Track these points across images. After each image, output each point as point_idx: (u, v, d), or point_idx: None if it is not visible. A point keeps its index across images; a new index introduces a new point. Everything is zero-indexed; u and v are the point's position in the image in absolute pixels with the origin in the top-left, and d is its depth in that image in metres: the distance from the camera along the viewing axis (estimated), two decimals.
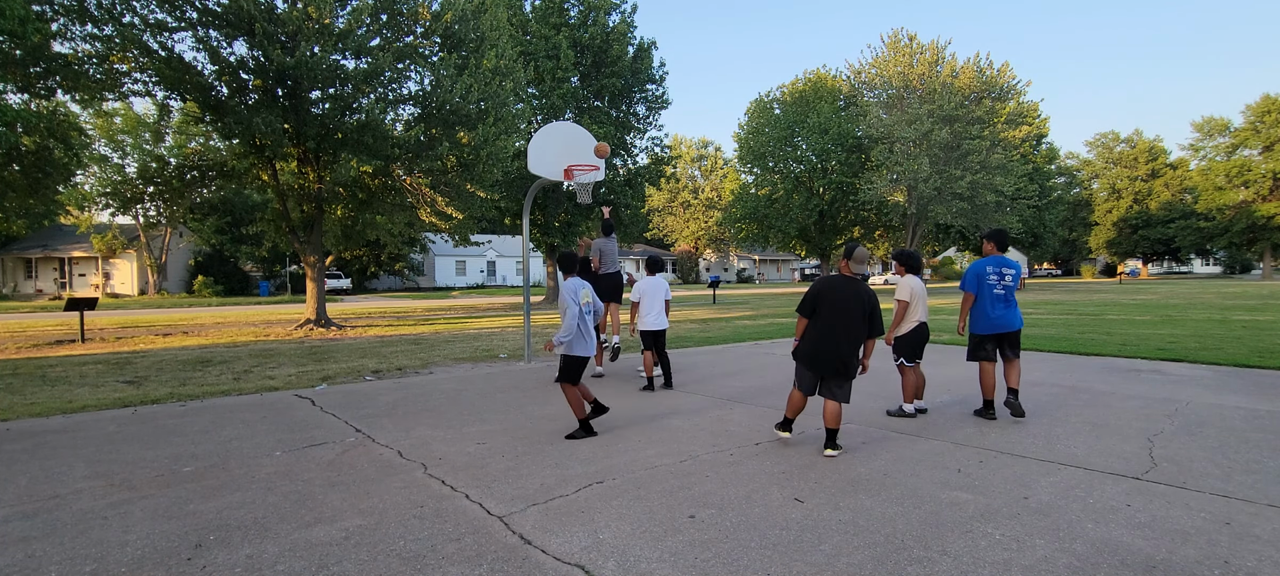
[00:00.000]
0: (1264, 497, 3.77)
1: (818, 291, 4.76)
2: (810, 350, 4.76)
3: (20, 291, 42.38)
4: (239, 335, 14.95)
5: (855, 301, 4.66)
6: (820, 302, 4.71)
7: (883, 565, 2.98)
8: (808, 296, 4.81)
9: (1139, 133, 70.19)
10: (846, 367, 4.66)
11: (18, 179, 13.82)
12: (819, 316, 4.72)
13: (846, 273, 4.86)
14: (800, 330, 4.85)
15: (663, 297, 7.53)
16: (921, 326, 5.94)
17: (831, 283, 4.75)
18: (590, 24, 27.17)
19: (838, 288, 4.70)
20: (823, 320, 4.69)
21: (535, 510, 3.71)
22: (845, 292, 4.68)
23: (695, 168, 79.08)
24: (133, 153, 34.37)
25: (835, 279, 4.77)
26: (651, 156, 30.72)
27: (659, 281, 7.62)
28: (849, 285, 4.71)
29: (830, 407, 4.72)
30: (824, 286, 4.75)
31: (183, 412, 6.50)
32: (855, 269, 4.87)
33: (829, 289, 4.72)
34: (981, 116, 34.00)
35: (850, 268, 4.88)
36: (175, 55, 13.16)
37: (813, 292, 4.79)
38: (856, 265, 4.89)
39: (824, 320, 4.69)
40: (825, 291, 4.72)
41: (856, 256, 4.92)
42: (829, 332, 4.67)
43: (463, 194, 16.99)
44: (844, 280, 4.76)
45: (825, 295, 4.71)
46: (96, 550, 3.24)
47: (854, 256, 4.92)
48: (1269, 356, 9.27)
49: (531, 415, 6.23)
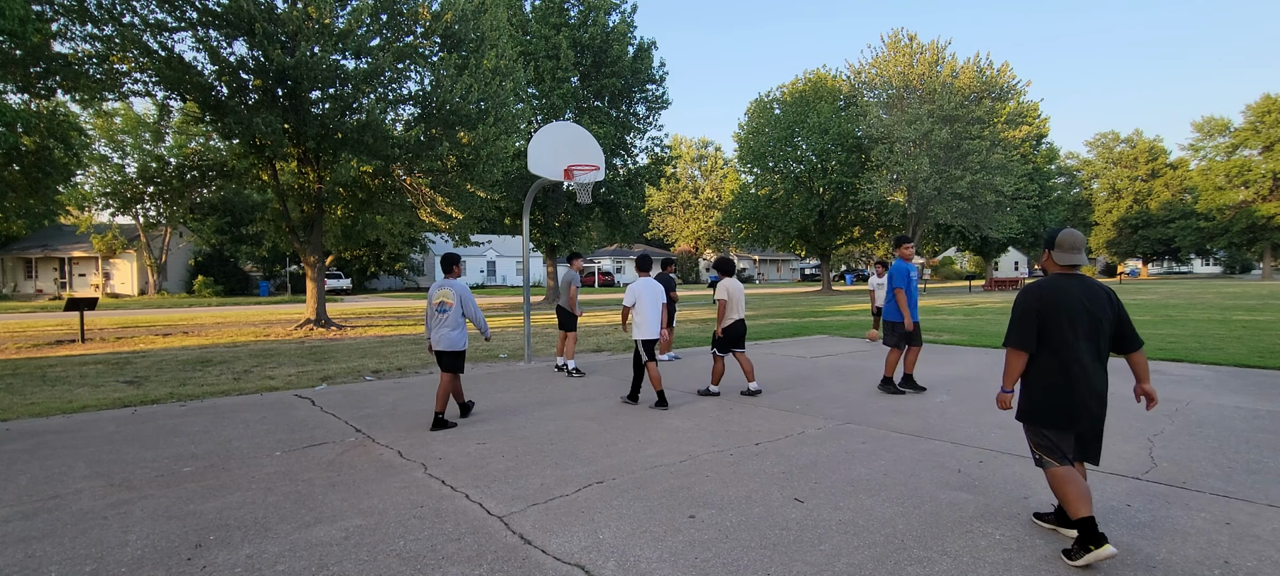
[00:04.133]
0: (1264, 497, 3.77)
1: (1037, 307, 3.16)
2: (1054, 400, 3.12)
3: (20, 291, 42.37)
4: (239, 335, 14.95)
5: (1096, 306, 3.14)
6: (1048, 322, 3.13)
7: (883, 565, 2.98)
8: (1022, 317, 3.19)
9: (1139, 133, 70.22)
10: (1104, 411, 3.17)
11: (18, 179, 13.83)
12: (1048, 343, 3.14)
13: (1058, 268, 3.24)
14: (1016, 373, 3.23)
15: (660, 302, 6.75)
16: (739, 322, 7.04)
17: (1054, 288, 3.16)
18: (590, 24, 27.17)
19: (1068, 293, 3.14)
20: (1055, 348, 3.12)
21: (535, 510, 3.71)
22: (1080, 298, 3.13)
23: (695, 168, 79.10)
24: (133, 153, 34.38)
25: (1057, 282, 3.19)
26: (651, 156, 30.72)
27: (653, 283, 6.81)
28: (1079, 286, 3.17)
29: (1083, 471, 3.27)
30: (1046, 295, 3.16)
31: (183, 412, 6.50)
32: (1067, 260, 3.20)
33: (1055, 297, 3.14)
34: (981, 116, 34.01)
35: (1059, 261, 3.22)
36: (175, 55, 13.16)
37: (1028, 309, 3.18)
38: (1068, 254, 3.20)
39: (1058, 348, 3.12)
40: (1051, 301, 3.14)
41: (1066, 243, 3.21)
42: (1072, 364, 3.09)
43: (463, 194, 17.00)
44: (1070, 281, 3.19)
45: (1053, 308, 3.12)
46: (96, 550, 3.24)
47: (1061, 243, 3.22)
48: (1269, 356, 9.27)
49: (531, 415, 6.23)
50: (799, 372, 8.70)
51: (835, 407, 6.39)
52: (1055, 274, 3.25)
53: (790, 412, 6.20)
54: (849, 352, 10.74)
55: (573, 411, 6.38)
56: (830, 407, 6.40)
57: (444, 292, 5.88)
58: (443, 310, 5.85)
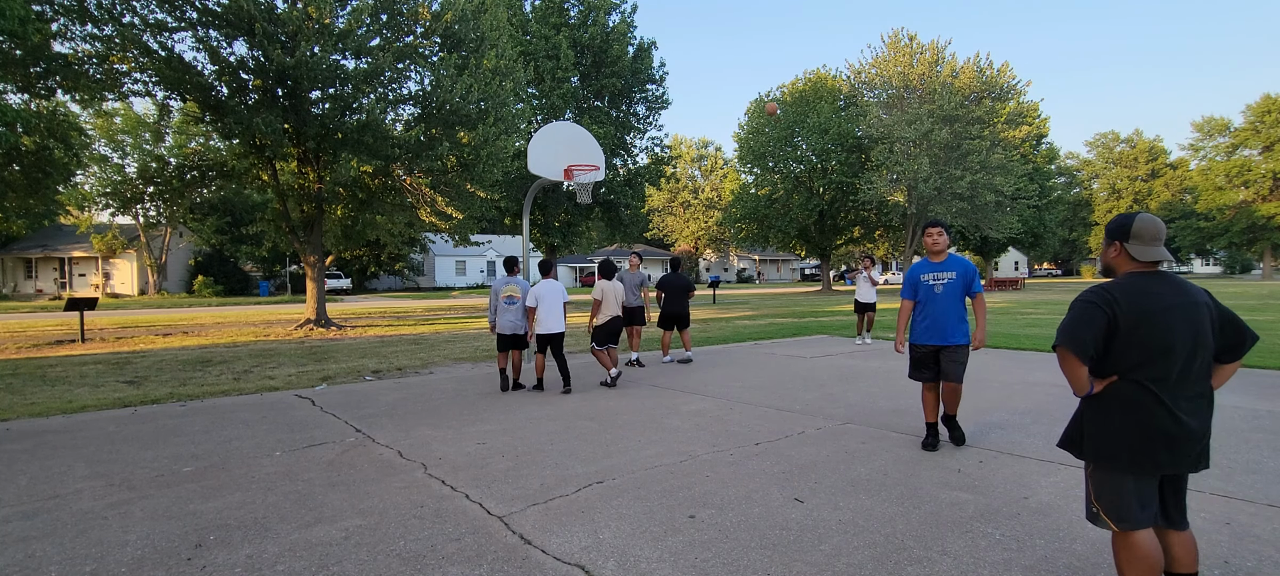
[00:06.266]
0: (1264, 497, 3.77)
1: (1115, 312, 2.29)
2: (1132, 426, 2.30)
3: (20, 291, 42.37)
4: (239, 335, 14.95)
5: (1196, 315, 2.28)
6: (1130, 339, 2.29)
7: (883, 565, 2.98)
8: (1086, 310, 2.33)
9: (1139, 133, 70.29)
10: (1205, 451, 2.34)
11: (18, 179, 13.82)
12: (1126, 358, 2.30)
13: (1134, 266, 2.39)
14: (1082, 377, 2.35)
15: (562, 301, 7.57)
16: (615, 319, 7.69)
17: (1138, 293, 2.30)
18: (590, 24, 27.19)
19: (1158, 299, 2.28)
20: (1137, 364, 2.29)
21: (535, 510, 3.71)
22: (1175, 306, 2.28)
23: (695, 168, 79.08)
24: (133, 153, 34.39)
25: (1138, 283, 2.33)
26: (651, 156, 30.75)
27: (556, 284, 7.56)
28: (1171, 290, 2.30)
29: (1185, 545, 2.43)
30: (1130, 294, 2.30)
31: (183, 412, 6.50)
32: (1148, 254, 2.35)
33: (1142, 305, 2.28)
34: (981, 116, 34.00)
35: (1137, 256, 2.36)
36: (175, 55, 13.16)
37: (1101, 309, 2.30)
38: (1149, 248, 2.35)
39: (1142, 363, 2.28)
40: (1137, 310, 2.28)
41: (1146, 231, 2.35)
42: (1158, 385, 2.27)
43: (463, 194, 17.00)
44: (1156, 281, 2.33)
45: (1139, 315, 2.27)
46: (96, 550, 3.24)
47: (1138, 233, 2.36)
48: (1269, 356, 9.26)
49: (531, 415, 6.24)
50: (799, 372, 8.70)
51: (835, 407, 6.39)
52: (1132, 273, 2.37)
53: (790, 412, 6.20)
54: (849, 353, 10.74)
55: (573, 411, 6.38)
56: (830, 407, 6.40)
57: (511, 287, 7.57)
58: (511, 302, 7.54)
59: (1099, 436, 2.38)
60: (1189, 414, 2.27)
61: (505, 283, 7.58)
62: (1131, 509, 2.31)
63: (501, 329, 7.52)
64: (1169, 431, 2.26)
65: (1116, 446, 2.33)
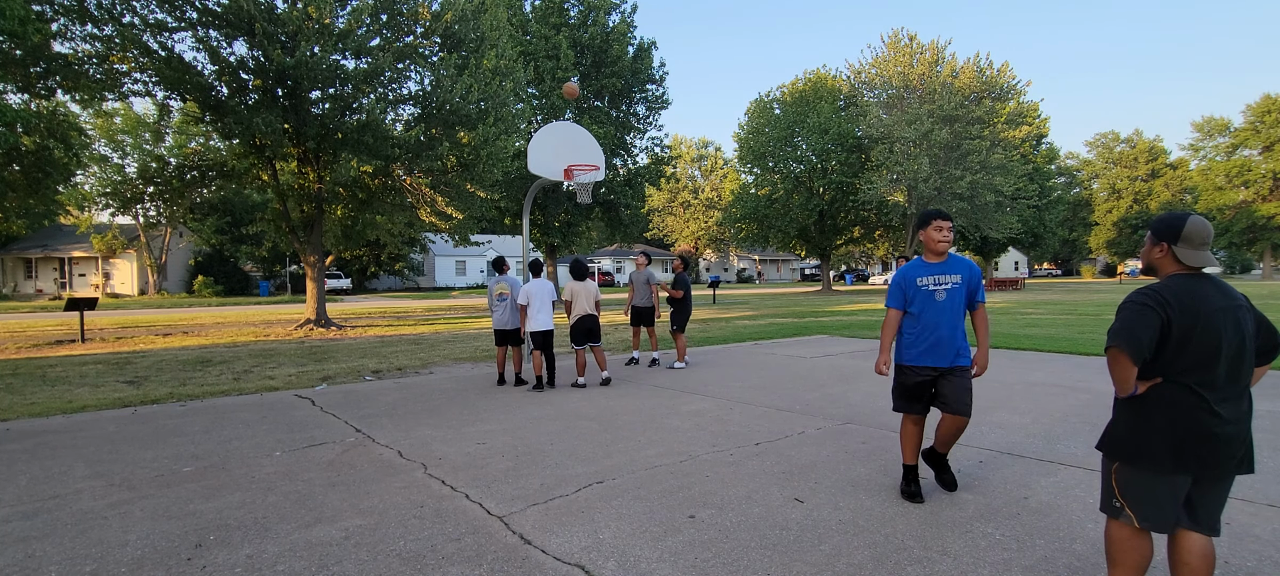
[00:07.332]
0: (1264, 497, 3.77)
1: (1168, 315, 2.26)
2: (1177, 428, 2.30)
3: (20, 291, 42.37)
4: (239, 335, 14.95)
5: (1241, 317, 2.30)
6: (1185, 335, 2.26)
7: (883, 565, 2.98)
8: (1144, 320, 2.28)
9: (1139, 133, 70.33)
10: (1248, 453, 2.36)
11: (18, 179, 13.82)
12: (1177, 362, 2.29)
13: (1180, 268, 2.37)
14: (1129, 379, 2.32)
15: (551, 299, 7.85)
16: (584, 317, 7.81)
17: (1189, 295, 2.28)
18: (590, 24, 27.20)
19: (1207, 302, 2.27)
20: (1187, 368, 2.28)
21: (535, 510, 3.71)
22: (1224, 309, 2.27)
23: (695, 168, 79.07)
24: (133, 153, 34.39)
25: (1187, 286, 2.30)
26: (651, 156, 30.76)
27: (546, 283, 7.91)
28: (1218, 294, 2.30)
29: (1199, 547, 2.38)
30: (1181, 297, 2.27)
31: (183, 412, 6.50)
32: (1197, 259, 2.34)
33: (1195, 309, 2.25)
34: (981, 116, 34.01)
35: (1186, 260, 2.34)
36: (175, 55, 13.16)
37: (1156, 312, 2.27)
38: (1199, 252, 2.34)
39: (1191, 367, 2.28)
40: (1189, 310, 2.26)
41: (1197, 235, 2.33)
42: (1204, 387, 2.28)
43: (463, 194, 17.00)
44: (1204, 285, 2.32)
45: (1191, 319, 2.25)
46: (96, 550, 3.24)
47: (1189, 236, 2.33)
48: None
49: (531, 415, 6.24)
50: (799, 372, 8.70)
51: (835, 407, 6.39)
52: (1179, 276, 2.34)
53: (790, 412, 6.20)
54: (849, 353, 10.74)
55: (573, 411, 6.39)
56: (830, 407, 6.40)
57: (502, 286, 8.05)
58: (502, 299, 8.00)
59: (1140, 437, 2.37)
60: (1232, 417, 2.30)
61: (497, 281, 8.17)
62: (1159, 509, 2.35)
63: (496, 325, 8.07)
64: (1214, 433, 2.27)
65: (1159, 447, 2.32)
